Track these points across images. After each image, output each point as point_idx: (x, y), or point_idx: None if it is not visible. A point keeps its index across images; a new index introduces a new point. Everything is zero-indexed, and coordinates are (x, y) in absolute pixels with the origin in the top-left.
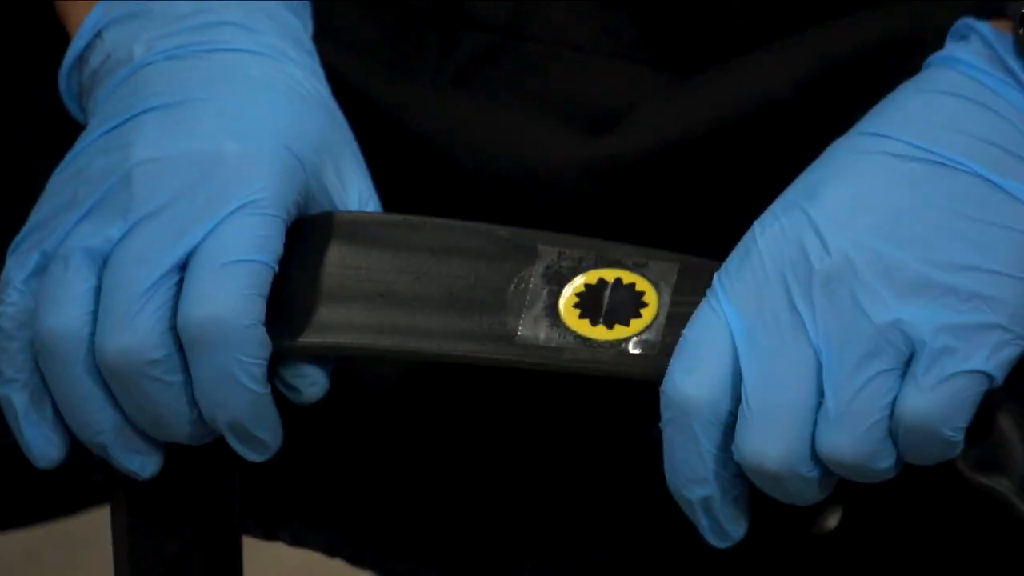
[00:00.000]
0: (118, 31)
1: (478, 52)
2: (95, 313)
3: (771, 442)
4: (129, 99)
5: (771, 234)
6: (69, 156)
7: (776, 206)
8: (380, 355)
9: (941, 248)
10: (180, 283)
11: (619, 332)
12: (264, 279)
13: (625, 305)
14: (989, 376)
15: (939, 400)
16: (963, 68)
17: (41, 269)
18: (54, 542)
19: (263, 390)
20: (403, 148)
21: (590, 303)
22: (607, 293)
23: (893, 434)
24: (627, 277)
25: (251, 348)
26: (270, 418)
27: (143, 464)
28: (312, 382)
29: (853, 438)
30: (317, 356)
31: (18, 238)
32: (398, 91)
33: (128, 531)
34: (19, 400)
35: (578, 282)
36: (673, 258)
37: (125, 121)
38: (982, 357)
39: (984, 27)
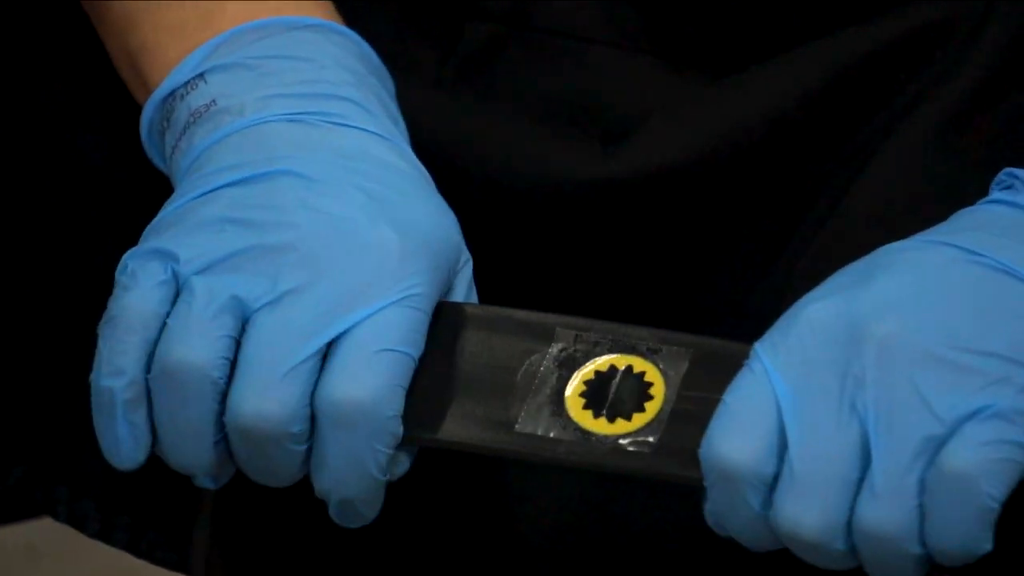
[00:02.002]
0: (225, 78)
1: (482, 43)
2: (229, 361)
3: (810, 511)
4: (257, 152)
5: (821, 308)
6: (190, 185)
7: (827, 286)
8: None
9: (997, 340)
10: (324, 358)
11: (620, 427)
12: (409, 371)
13: (631, 398)
14: None
15: (978, 460)
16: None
17: (170, 285)
18: (54, 537)
19: (385, 478)
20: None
21: (596, 393)
22: (615, 383)
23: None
24: (638, 365)
25: (387, 438)
26: (380, 500)
27: (218, 483)
28: (399, 463)
29: (898, 513)
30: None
31: (148, 236)
32: (404, 92)
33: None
34: (122, 397)
35: (588, 368)
36: (687, 343)
37: (259, 176)
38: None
39: None
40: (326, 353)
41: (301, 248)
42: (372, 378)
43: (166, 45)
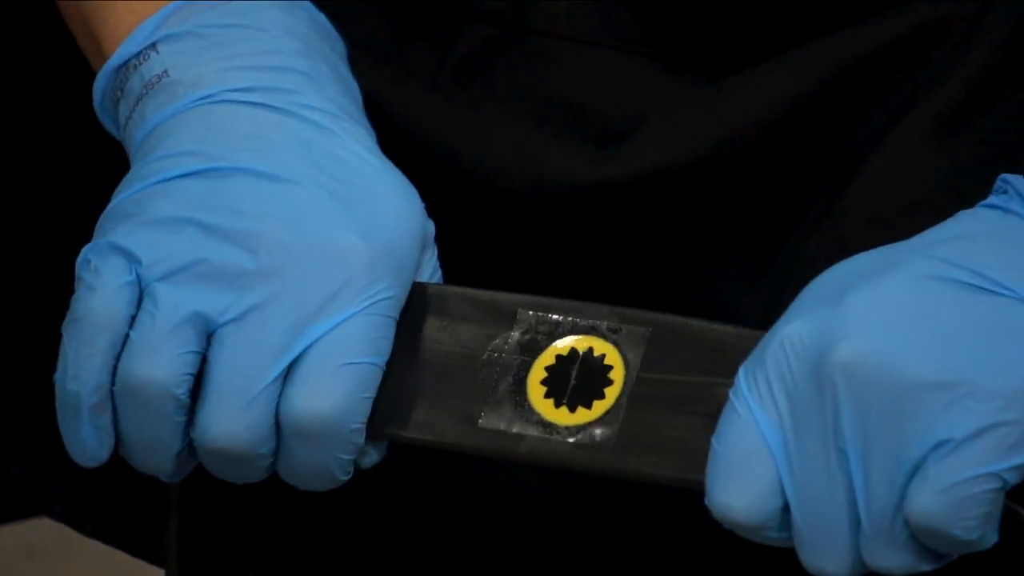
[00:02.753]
0: (177, 48)
1: (479, 45)
2: (193, 376)
3: (827, 562)
4: (216, 138)
5: (794, 331)
6: (148, 168)
7: (801, 302)
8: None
9: (963, 360)
10: (290, 367)
11: (581, 416)
12: (375, 381)
13: (591, 384)
14: (996, 475)
15: (940, 506)
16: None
17: (134, 287)
18: (54, 537)
19: (348, 477)
20: (408, 156)
21: (557, 381)
22: (575, 368)
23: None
24: (598, 347)
25: (351, 448)
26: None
27: (179, 479)
28: (368, 455)
29: (894, 553)
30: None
31: (105, 225)
32: (401, 94)
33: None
34: (87, 402)
35: (549, 353)
36: (647, 321)
37: (221, 170)
38: (995, 459)
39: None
40: (292, 363)
41: (265, 258)
42: (335, 393)
43: (120, 13)
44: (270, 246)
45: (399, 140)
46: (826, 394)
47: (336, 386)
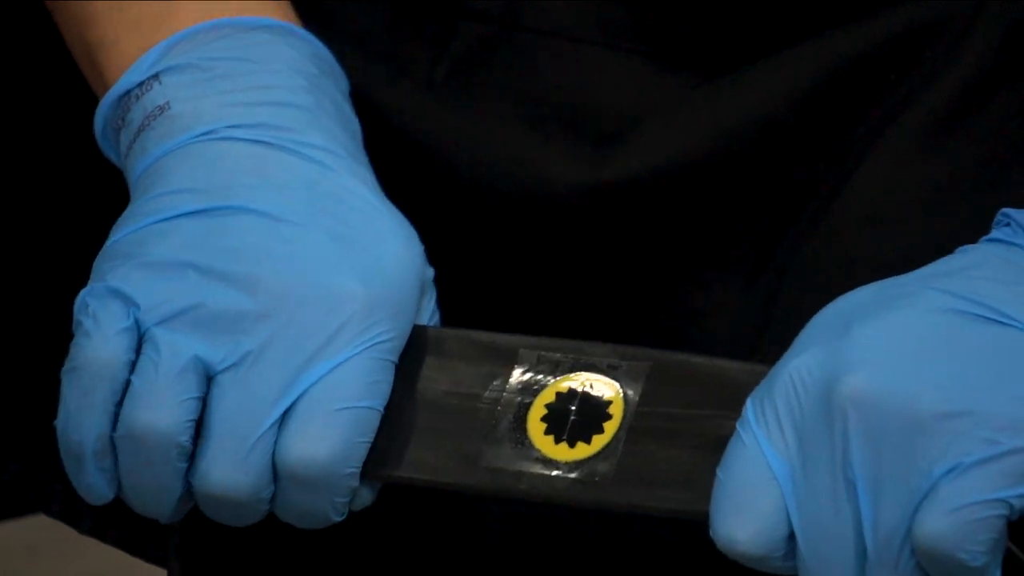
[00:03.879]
0: (179, 79)
1: (473, 44)
2: (195, 423)
3: None
4: (216, 176)
5: (802, 364)
6: (147, 205)
7: (808, 335)
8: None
9: (974, 390)
10: (288, 411)
11: (580, 451)
12: (371, 425)
13: (590, 419)
14: (1005, 502)
15: (947, 529)
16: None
17: (132, 333)
18: (53, 536)
19: (343, 518)
20: (403, 155)
21: (557, 417)
22: (574, 405)
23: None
24: (597, 384)
25: (346, 491)
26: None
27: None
28: (361, 496)
29: None
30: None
31: (103, 265)
32: (395, 92)
33: None
34: (91, 450)
35: (550, 391)
36: (646, 357)
37: (220, 209)
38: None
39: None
40: (289, 407)
41: (263, 301)
42: (330, 438)
43: (123, 41)
44: (268, 288)
45: (393, 138)
46: (835, 424)
47: (331, 432)
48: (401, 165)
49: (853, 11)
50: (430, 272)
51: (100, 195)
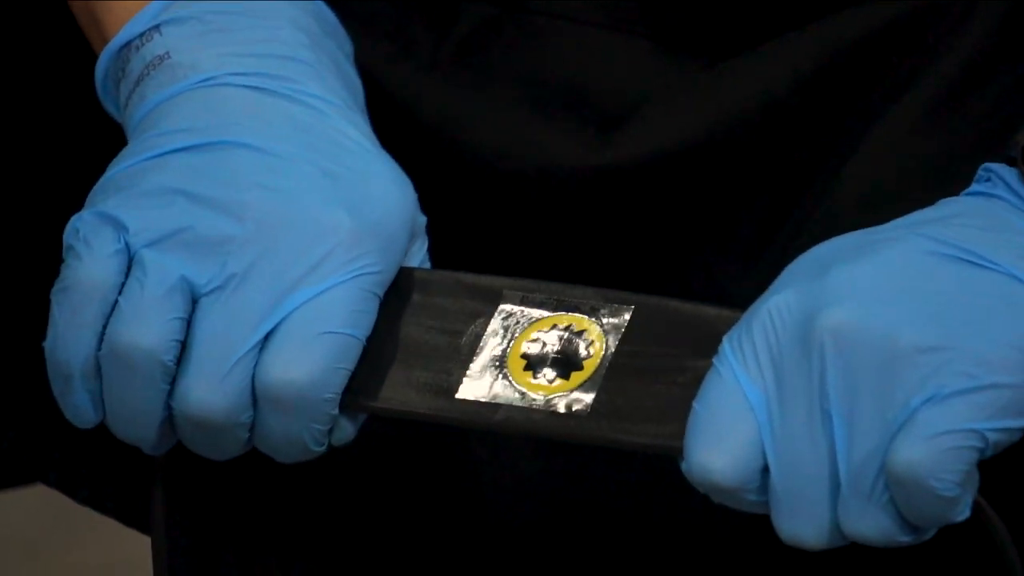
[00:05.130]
0: (179, 31)
1: (479, 24)
2: (179, 343)
3: (803, 526)
4: (212, 117)
5: (781, 300)
6: (142, 144)
7: (787, 275)
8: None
9: (951, 326)
10: (269, 335)
11: (559, 386)
12: (352, 352)
13: (570, 356)
14: (980, 434)
15: (922, 456)
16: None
17: (123, 255)
18: (54, 533)
19: (323, 449)
20: (407, 134)
21: (537, 354)
22: (556, 343)
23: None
24: (579, 324)
25: (324, 418)
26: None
27: (161, 452)
28: (342, 429)
29: (870, 517)
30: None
31: (96, 196)
32: (401, 71)
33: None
34: (79, 370)
35: (531, 329)
36: (629, 300)
37: (217, 144)
38: (983, 417)
39: (1003, 170)
40: (271, 331)
41: (251, 227)
42: (310, 361)
43: None
44: (256, 214)
45: (397, 117)
46: (813, 357)
47: (311, 355)
48: (404, 144)
49: None
50: (422, 219)
51: (99, 156)
